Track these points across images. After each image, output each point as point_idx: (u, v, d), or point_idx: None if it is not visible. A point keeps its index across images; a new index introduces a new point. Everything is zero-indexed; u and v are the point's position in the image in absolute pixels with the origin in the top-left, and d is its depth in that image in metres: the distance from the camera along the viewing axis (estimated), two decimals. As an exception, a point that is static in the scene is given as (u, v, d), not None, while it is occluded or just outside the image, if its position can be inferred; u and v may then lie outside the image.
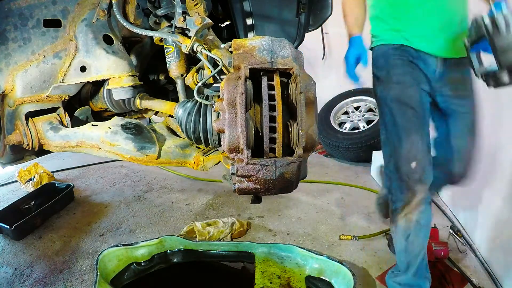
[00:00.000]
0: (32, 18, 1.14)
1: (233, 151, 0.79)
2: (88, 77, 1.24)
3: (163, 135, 1.34)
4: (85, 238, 1.90)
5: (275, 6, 1.75)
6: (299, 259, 1.51)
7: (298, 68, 0.80)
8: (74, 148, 1.30)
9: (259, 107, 0.81)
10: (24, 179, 2.56)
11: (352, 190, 2.48)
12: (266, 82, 0.79)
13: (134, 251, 1.54)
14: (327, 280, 1.43)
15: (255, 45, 0.83)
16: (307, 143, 0.79)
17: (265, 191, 0.85)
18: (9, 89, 1.18)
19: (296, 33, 1.81)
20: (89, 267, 1.64)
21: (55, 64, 1.21)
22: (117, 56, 1.23)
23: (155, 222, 2.07)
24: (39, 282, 1.55)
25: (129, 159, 1.24)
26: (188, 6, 1.07)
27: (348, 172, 2.86)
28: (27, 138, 1.27)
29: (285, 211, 2.16)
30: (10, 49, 1.13)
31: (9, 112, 1.23)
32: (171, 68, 1.26)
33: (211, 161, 1.25)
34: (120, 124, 1.28)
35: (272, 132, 0.77)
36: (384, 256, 1.71)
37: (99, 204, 2.31)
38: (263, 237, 1.88)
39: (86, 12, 1.20)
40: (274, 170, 0.78)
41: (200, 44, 1.07)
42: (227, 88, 0.78)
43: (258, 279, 1.40)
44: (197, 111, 1.09)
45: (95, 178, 2.79)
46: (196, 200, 2.34)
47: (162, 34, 1.17)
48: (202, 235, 1.81)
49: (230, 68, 1.02)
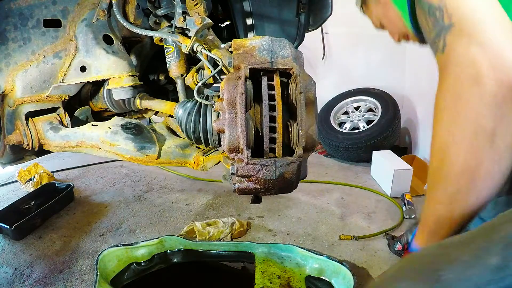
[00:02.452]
0: (32, 18, 1.14)
1: (233, 151, 0.79)
2: (88, 77, 1.24)
3: (163, 135, 1.34)
4: (85, 238, 1.90)
5: (275, 6, 1.75)
6: (299, 259, 1.51)
7: (298, 68, 0.80)
8: (74, 148, 1.30)
9: (259, 107, 0.81)
10: (24, 179, 2.55)
11: (352, 190, 2.48)
12: (266, 82, 0.78)
13: (134, 251, 1.54)
14: (327, 280, 1.43)
15: (255, 45, 0.83)
16: (307, 143, 0.79)
17: (265, 191, 0.85)
18: (9, 89, 1.18)
19: (296, 33, 1.81)
20: (89, 267, 1.64)
21: (55, 64, 1.21)
22: (117, 56, 1.23)
23: (155, 222, 2.07)
24: (39, 282, 1.55)
25: (129, 159, 1.24)
26: (188, 6, 1.07)
27: (348, 172, 2.86)
28: (27, 138, 1.28)
29: (285, 211, 2.16)
30: (10, 49, 1.13)
31: (9, 112, 1.24)
32: (171, 68, 1.26)
33: (211, 161, 1.25)
34: (120, 124, 1.28)
35: (272, 132, 0.77)
36: (384, 256, 1.70)
37: (99, 204, 2.30)
38: (263, 237, 1.88)
39: (86, 12, 1.20)
40: (274, 170, 0.78)
41: (200, 44, 1.07)
42: (227, 88, 0.78)
43: (258, 279, 1.40)
44: (197, 111, 1.09)
45: (95, 178, 2.79)
46: (196, 200, 2.34)
47: (162, 34, 1.17)
48: (202, 235, 1.81)
49: (230, 68, 1.02)
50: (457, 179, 0.58)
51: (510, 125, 0.52)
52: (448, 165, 0.59)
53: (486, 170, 0.55)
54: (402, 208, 2.14)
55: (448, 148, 0.58)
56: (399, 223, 1.98)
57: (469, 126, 0.54)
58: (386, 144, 2.87)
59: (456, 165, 0.57)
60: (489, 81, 0.51)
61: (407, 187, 2.33)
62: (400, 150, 3.06)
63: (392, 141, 2.98)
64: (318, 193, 2.42)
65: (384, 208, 2.20)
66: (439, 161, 0.61)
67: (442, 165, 0.60)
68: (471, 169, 0.56)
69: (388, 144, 2.90)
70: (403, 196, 2.20)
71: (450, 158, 0.58)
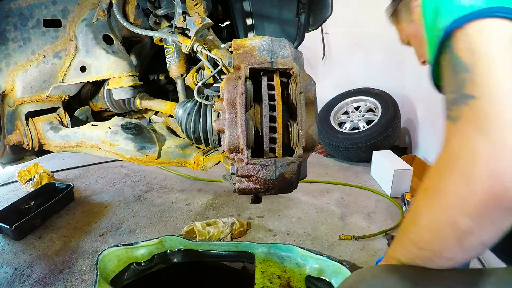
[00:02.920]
0: (32, 18, 1.14)
1: (233, 151, 0.79)
2: (88, 77, 1.24)
3: (163, 135, 1.34)
4: (85, 238, 1.90)
5: (275, 6, 1.75)
6: (299, 259, 1.51)
7: (298, 68, 0.80)
8: (74, 148, 1.30)
9: (259, 107, 0.81)
10: (24, 179, 2.55)
11: (352, 190, 2.48)
12: (266, 82, 0.78)
13: (134, 251, 1.54)
14: (327, 280, 1.43)
15: (255, 45, 0.83)
16: (307, 143, 0.79)
17: (265, 191, 0.85)
18: (9, 89, 1.18)
19: (296, 33, 1.81)
20: (89, 267, 1.64)
21: (55, 64, 1.21)
22: (117, 56, 1.23)
23: (155, 222, 2.07)
24: (39, 282, 1.55)
25: (129, 159, 1.24)
26: (188, 6, 1.07)
27: (348, 172, 2.86)
28: (27, 138, 1.28)
29: (285, 211, 2.16)
30: (10, 49, 1.13)
31: (9, 112, 1.24)
32: (171, 68, 1.26)
33: (211, 161, 1.25)
34: (120, 124, 1.28)
35: (272, 132, 0.77)
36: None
37: (99, 204, 2.30)
38: (263, 237, 1.88)
39: (86, 12, 1.20)
40: (274, 170, 0.78)
41: (200, 44, 1.07)
42: (227, 88, 0.78)
43: (258, 279, 1.40)
44: (197, 111, 1.09)
45: (95, 178, 2.79)
46: (196, 200, 2.34)
47: (162, 34, 1.17)
48: (202, 235, 1.81)
49: (230, 68, 1.02)
50: (421, 246, 0.56)
51: (487, 229, 0.49)
52: (418, 229, 0.57)
53: (448, 257, 0.54)
54: (402, 208, 2.14)
55: (422, 217, 0.56)
56: (399, 223, 1.98)
57: (445, 215, 0.51)
58: (386, 144, 2.87)
59: (423, 237, 0.56)
60: (481, 188, 0.46)
61: (407, 187, 2.33)
62: (400, 150, 3.06)
63: (392, 141, 2.98)
64: (318, 193, 2.42)
65: (384, 208, 2.20)
66: (411, 221, 0.59)
67: (414, 223, 0.58)
68: (433, 250, 0.55)
69: (388, 144, 2.90)
70: (403, 196, 2.20)
71: (421, 227, 0.56)
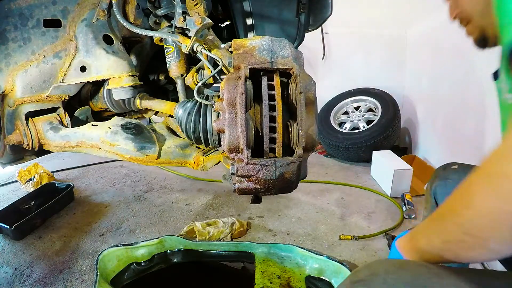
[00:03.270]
0: (32, 18, 1.14)
1: (233, 151, 0.79)
2: (88, 77, 1.24)
3: (163, 135, 1.34)
4: (85, 238, 1.90)
5: (275, 6, 1.75)
6: (299, 259, 1.51)
7: (298, 68, 0.80)
8: (74, 148, 1.30)
9: (259, 107, 0.81)
10: (24, 179, 2.55)
11: (352, 190, 2.48)
12: (266, 82, 0.78)
13: (134, 251, 1.54)
14: (327, 280, 1.43)
15: (255, 45, 0.83)
16: (307, 143, 0.79)
17: (265, 191, 0.85)
18: (9, 89, 1.18)
19: (296, 33, 1.81)
20: (89, 267, 1.64)
21: (55, 64, 1.21)
22: (117, 56, 1.23)
23: (155, 222, 2.07)
24: (39, 282, 1.55)
25: (129, 159, 1.24)
26: (188, 6, 1.07)
27: (348, 172, 2.86)
28: (27, 138, 1.28)
29: (285, 211, 2.16)
30: (10, 49, 1.13)
31: (9, 112, 1.24)
32: (171, 68, 1.26)
33: (211, 161, 1.25)
34: (120, 124, 1.28)
35: (272, 132, 0.77)
36: (384, 256, 1.70)
37: (99, 204, 2.30)
38: (263, 237, 1.88)
39: (86, 12, 1.21)
40: (274, 170, 0.78)
41: (200, 44, 1.07)
42: (227, 88, 0.78)
43: (258, 279, 1.40)
44: (197, 111, 1.09)
45: (95, 178, 2.79)
46: (196, 200, 2.34)
47: (162, 34, 1.17)
48: (202, 235, 1.81)
49: (230, 68, 1.02)
50: (469, 231, 0.51)
51: None
52: (471, 213, 0.51)
53: (491, 248, 0.50)
54: (402, 208, 2.14)
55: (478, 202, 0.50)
56: (399, 223, 1.98)
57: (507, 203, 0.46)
58: (386, 144, 2.87)
59: (474, 222, 0.51)
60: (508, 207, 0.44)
61: (407, 187, 2.33)
62: (400, 150, 3.06)
63: (392, 141, 2.98)
64: (318, 193, 2.42)
65: (384, 208, 2.20)
66: (462, 204, 0.54)
67: (466, 206, 0.52)
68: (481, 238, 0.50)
69: (388, 144, 2.90)
70: (403, 196, 2.20)
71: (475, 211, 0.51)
